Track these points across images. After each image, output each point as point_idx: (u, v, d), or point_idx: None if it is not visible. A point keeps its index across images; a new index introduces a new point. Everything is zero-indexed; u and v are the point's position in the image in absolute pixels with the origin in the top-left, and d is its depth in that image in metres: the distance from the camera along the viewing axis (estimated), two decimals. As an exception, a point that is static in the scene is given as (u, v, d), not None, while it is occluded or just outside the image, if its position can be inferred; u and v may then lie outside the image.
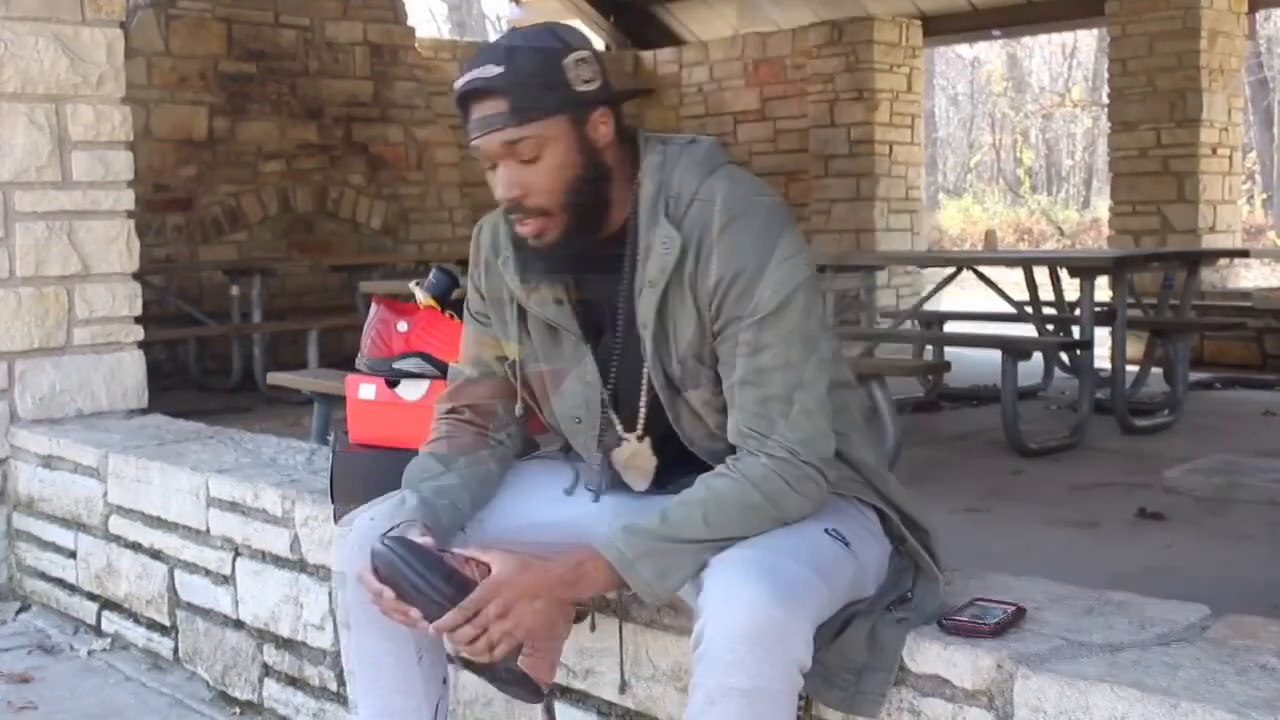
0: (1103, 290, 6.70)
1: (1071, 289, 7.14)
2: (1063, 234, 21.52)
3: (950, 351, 7.00)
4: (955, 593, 1.82)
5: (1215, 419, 6.25)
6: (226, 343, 7.98)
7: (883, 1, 10.22)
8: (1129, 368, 6.29)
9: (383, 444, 2.31)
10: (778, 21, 10.88)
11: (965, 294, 10.59)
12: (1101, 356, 6.51)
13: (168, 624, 3.13)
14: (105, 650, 3.26)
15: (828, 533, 1.70)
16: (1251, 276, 10.94)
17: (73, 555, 3.49)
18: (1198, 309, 7.66)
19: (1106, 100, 10.09)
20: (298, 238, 9.15)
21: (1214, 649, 1.59)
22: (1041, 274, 7.54)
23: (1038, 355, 7.16)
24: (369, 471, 2.27)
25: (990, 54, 26.48)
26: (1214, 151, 8.76)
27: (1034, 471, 5.11)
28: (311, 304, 8.95)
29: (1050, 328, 7.34)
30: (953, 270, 7.39)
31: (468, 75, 1.71)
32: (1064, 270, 7.06)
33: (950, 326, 7.65)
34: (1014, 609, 1.72)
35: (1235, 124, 9.01)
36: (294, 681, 2.73)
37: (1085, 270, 6.07)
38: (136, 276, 4.01)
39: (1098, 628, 1.69)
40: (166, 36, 8.49)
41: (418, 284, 2.36)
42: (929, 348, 7.11)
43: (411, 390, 2.28)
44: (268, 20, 8.95)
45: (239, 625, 2.89)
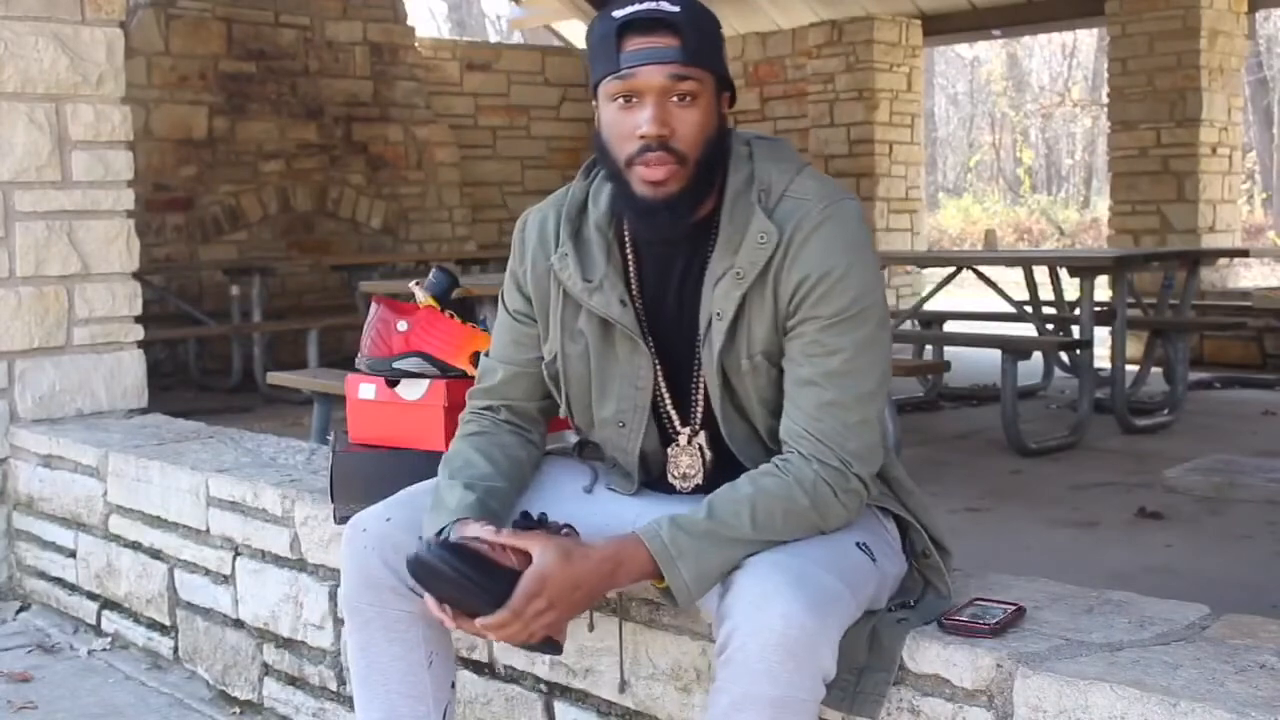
0: (1103, 290, 6.70)
1: (1071, 289, 7.15)
2: (1062, 234, 21.51)
3: (950, 351, 7.01)
4: (955, 592, 1.82)
5: (1215, 419, 6.25)
6: (226, 342, 7.98)
7: (883, 1, 10.22)
8: (1129, 367, 6.29)
9: (383, 443, 2.31)
10: (778, 21, 10.88)
11: (965, 294, 10.59)
12: (1101, 356, 6.52)
13: (168, 623, 3.13)
14: (105, 650, 3.26)
15: (859, 546, 1.69)
16: (1251, 276, 10.93)
17: (73, 555, 3.49)
18: (1197, 309, 7.66)
19: (1106, 100, 10.08)
20: (298, 237, 9.15)
21: (1213, 648, 1.59)
22: (1041, 274, 7.55)
23: (1038, 355, 7.18)
24: (369, 471, 2.27)
25: (990, 54, 26.47)
26: (1214, 151, 8.76)
27: (1034, 471, 5.11)
28: (311, 303, 8.96)
29: (1050, 327, 7.34)
30: (953, 270, 7.39)
31: (638, 6, 1.66)
32: (1064, 270, 7.07)
33: (950, 326, 7.65)
34: (1014, 609, 1.72)
35: (1235, 124, 9.01)
36: (294, 681, 2.73)
37: (1085, 270, 6.07)
38: (136, 276, 4.01)
39: (1097, 627, 1.69)
40: (166, 36, 8.49)
41: (418, 283, 2.36)
42: (929, 347, 7.11)
43: (411, 390, 2.28)
44: (268, 20, 8.96)
45: (239, 625, 2.88)
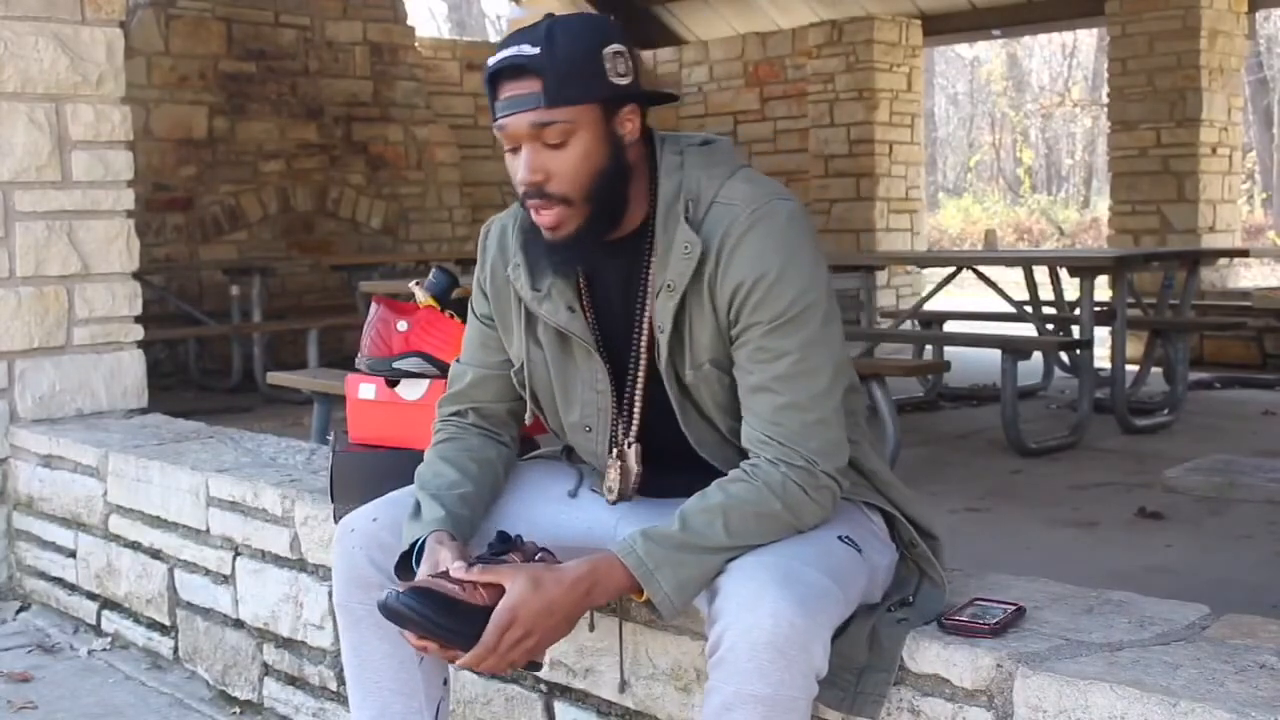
0: (1102, 290, 6.70)
1: (1071, 288, 7.15)
2: (1062, 234, 21.52)
3: (950, 351, 7.00)
4: (955, 592, 1.82)
5: (1215, 419, 6.25)
6: (226, 342, 7.98)
7: (883, 1, 10.22)
8: (1129, 367, 6.29)
9: (382, 443, 2.31)
10: (778, 21, 10.88)
11: (965, 294, 10.60)
12: (1101, 356, 6.52)
13: (167, 623, 3.13)
14: (105, 650, 3.26)
15: (841, 540, 1.69)
16: (1251, 276, 10.95)
17: (72, 555, 3.49)
18: (1197, 309, 7.66)
19: (1106, 100, 10.08)
20: (298, 237, 9.15)
21: (1213, 648, 1.59)
22: (1041, 274, 7.55)
23: (1038, 355, 7.17)
24: (369, 471, 2.27)
25: (990, 53, 26.47)
26: (1214, 151, 8.76)
27: (1034, 471, 5.11)
28: (311, 303, 8.96)
29: (1050, 327, 7.34)
30: (953, 270, 7.39)
31: (503, 53, 1.66)
32: (1064, 270, 7.07)
33: (950, 326, 7.65)
34: (1014, 608, 1.72)
35: (1235, 124, 9.01)
36: (294, 681, 2.73)
37: (1085, 270, 6.07)
38: (136, 276, 4.01)
39: (1097, 627, 1.69)
40: (166, 36, 8.49)
41: (418, 283, 2.36)
42: (929, 347, 7.10)
43: (411, 390, 2.28)
44: (268, 20, 8.96)
45: (239, 625, 2.88)
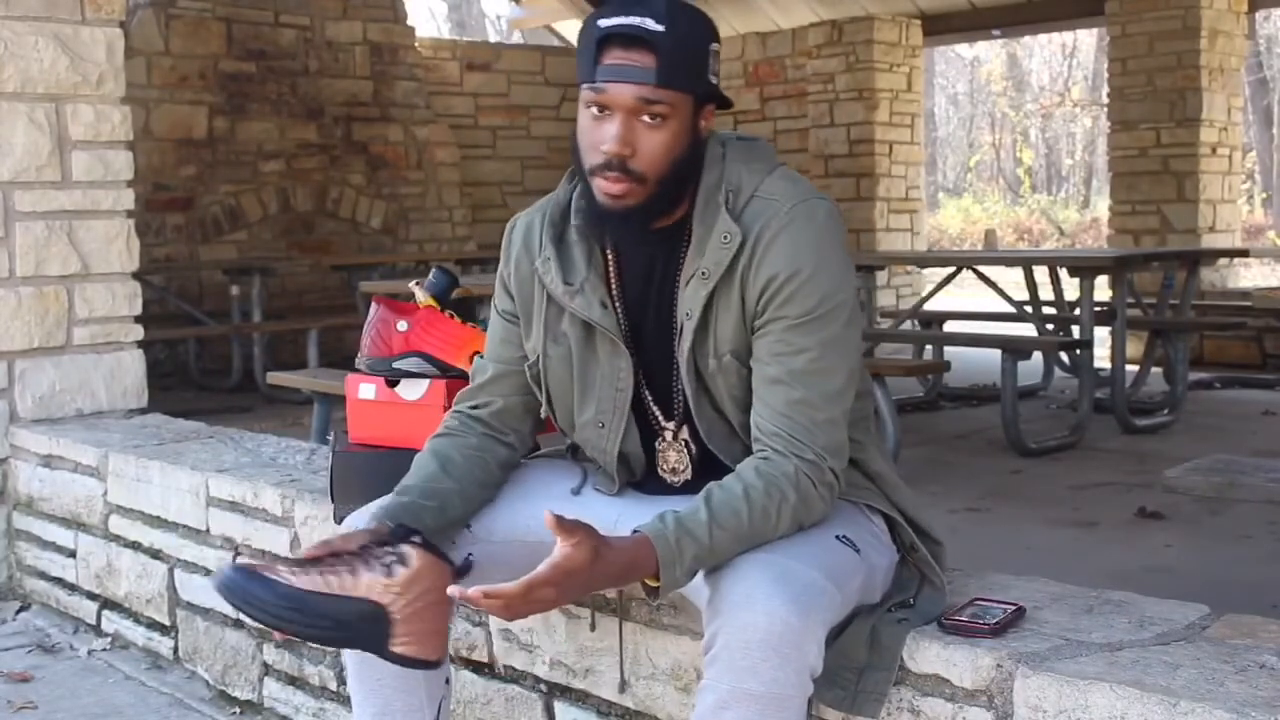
0: (1103, 290, 6.70)
1: (1071, 289, 7.15)
2: (1062, 234, 21.52)
3: (950, 351, 7.00)
4: (955, 592, 1.82)
5: (1215, 419, 6.25)
6: (226, 342, 7.98)
7: (883, 1, 10.22)
8: (1129, 367, 6.29)
9: (382, 443, 2.31)
10: (778, 21, 10.88)
11: (965, 294, 10.59)
12: (1101, 356, 6.52)
13: (168, 623, 3.13)
14: (105, 650, 3.26)
15: (839, 539, 1.69)
16: (1251, 276, 10.95)
17: (72, 555, 3.49)
18: (1198, 309, 7.66)
19: (1106, 100, 10.08)
20: (298, 237, 9.15)
21: (1213, 648, 1.59)
22: (1041, 274, 7.54)
23: (1038, 355, 7.17)
24: (369, 471, 2.27)
25: (990, 53, 26.48)
26: (1214, 151, 8.76)
27: (1034, 471, 5.11)
28: (311, 303, 8.96)
29: (1050, 327, 7.34)
30: (953, 270, 7.40)
31: (621, 18, 1.63)
32: (1064, 270, 7.06)
33: (950, 326, 7.65)
34: (1014, 608, 1.72)
35: (1235, 124, 9.01)
36: (294, 681, 2.73)
37: (1085, 270, 6.07)
38: (136, 276, 4.01)
39: (1097, 627, 1.69)
40: (166, 36, 8.49)
41: (418, 283, 2.36)
42: (929, 347, 7.11)
43: (411, 390, 2.28)
44: (268, 20, 8.96)
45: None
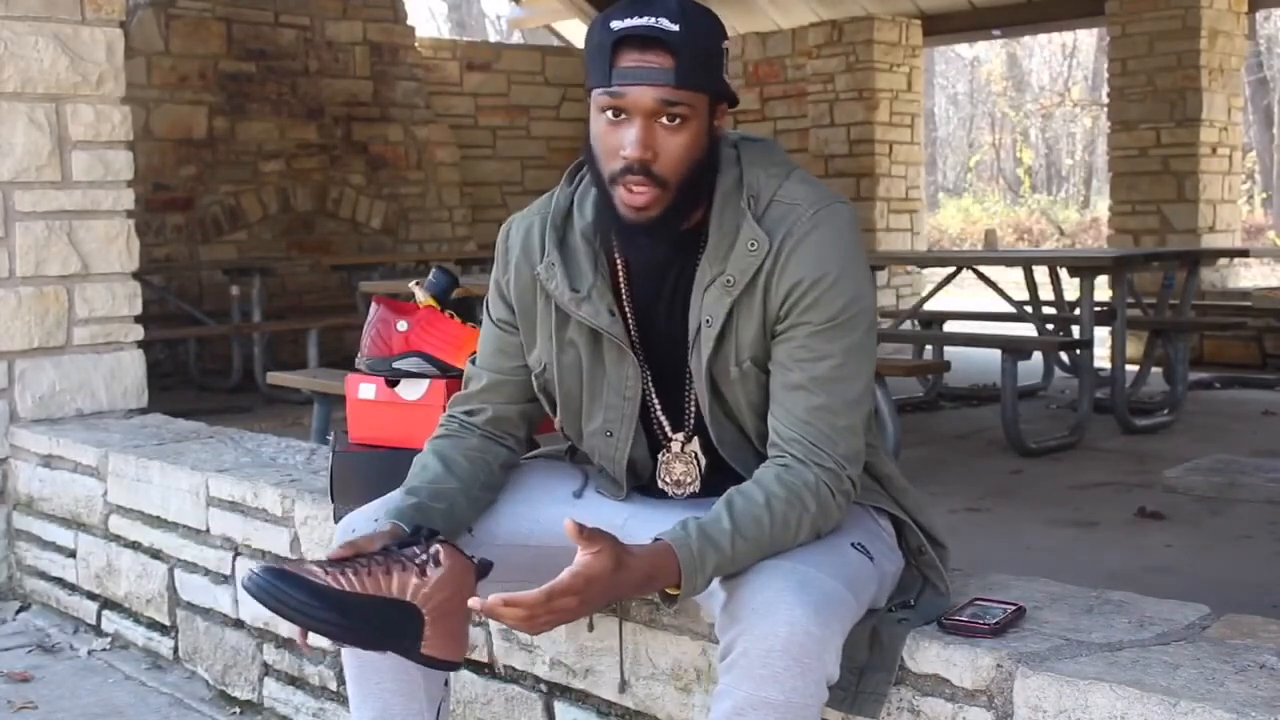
0: (1103, 290, 6.70)
1: (1071, 289, 7.15)
2: (1062, 234, 21.52)
3: (950, 351, 7.00)
4: (955, 592, 1.82)
5: (1215, 419, 6.25)
6: (226, 342, 7.98)
7: (883, 1, 10.22)
8: (1129, 367, 6.28)
9: (382, 443, 2.31)
10: (778, 21, 10.88)
11: (965, 294, 10.59)
12: (1101, 356, 6.52)
13: (167, 623, 3.13)
14: (105, 650, 3.26)
15: (854, 546, 1.68)
16: (1251, 276, 10.95)
17: (72, 555, 3.49)
18: (1197, 309, 7.66)
19: (1106, 100, 10.08)
20: (298, 237, 9.15)
21: (1213, 648, 1.59)
22: (1041, 274, 7.54)
23: (1038, 355, 7.17)
24: (369, 471, 2.27)
25: (990, 53, 26.48)
26: (1214, 151, 8.77)
27: (1034, 471, 5.11)
28: (311, 303, 8.96)
29: (1050, 327, 7.34)
30: (953, 270, 7.39)
31: (635, 20, 1.60)
32: (1064, 270, 7.06)
33: (950, 326, 7.65)
34: (1014, 608, 1.72)
35: (1235, 124, 9.02)
36: (294, 681, 2.73)
37: (1085, 270, 6.06)
38: (136, 276, 4.01)
39: (1097, 627, 1.69)
40: (166, 36, 8.49)
41: (418, 283, 2.36)
42: (929, 347, 7.11)
43: (411, 389, 2.28)
44: (268, 20, 8.96)
45: (239, 624, 2.88)
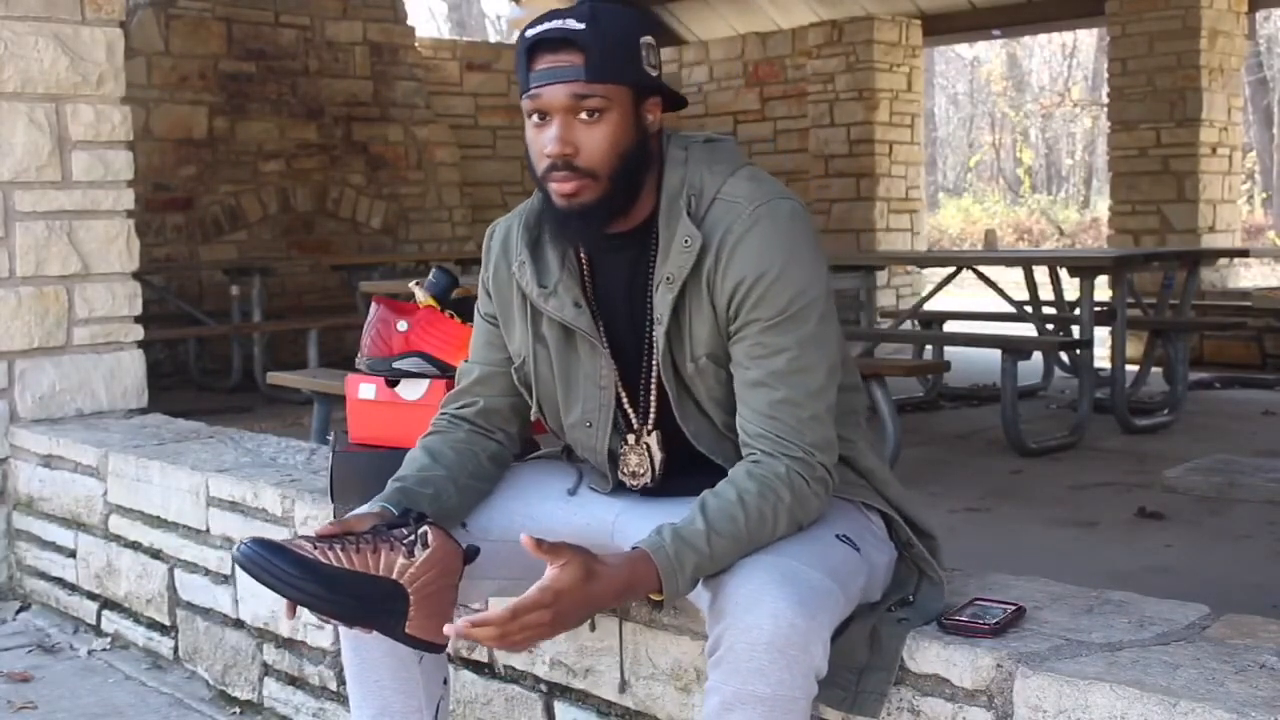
0: (1102, 290, 6.70)
1: (1071, 289, 7.15)
2: (1062, 234, 21.53)
3: (950, 351, 7.00)
4: (955, 592, 1.82)
5: (1215, 419, 6.25)
6: (226, 342, 7.98)
7: (883, 1, 10.22)
8: (1129, 367, 6.29)
9: (382, 443, 2.31)
10: (778, 21, 10.88)
11: (965, 294, 10.59)
12: (1101, 356, 6.52)
13: (168, 623, 3.13)
14: (105, 650, 3.26)
15: (840, 538, 1.69)
16: (1251, 276, 10.95)
17: (72, 555, 3.49)
18: (1197, 309, 7.66)
19: (1106, 100, 10.08)
20: (298, 237, 9.16)
21: (1213, 648, 1.59)
22: (1041, 274, 7.54)
23: (1038, 355, 7.17)
24: (369, 471, 2.27)
25: (990, 53, 26.48)
26: (1214, 151, 8.77)
27: (1034, 471, 5.11)
28: (311, 303, 8.96)
29: (1050, 327, 7.34)
30: (953, 270, 7.40)
31: (544, 25, 1.68)
32: (1064, 270, 7.07)
33: (950, 326, 7.65)
34: (1014, 608, 1.72)
35: (1235, 124, 9.02)
36: (294, 681, 2.73)
37: (1085, 270, 6.07)
38: (136, 276, 4.01)
39: (1097, 627, 1.69)
40: (166, 36, 8.49)
41: (418, 283, 2.37)
42: (929, 347, 7.11)
43: (411, 389, 2.29)
44: (268, 20, 8.96)
45: (239, 625, 2.89)
